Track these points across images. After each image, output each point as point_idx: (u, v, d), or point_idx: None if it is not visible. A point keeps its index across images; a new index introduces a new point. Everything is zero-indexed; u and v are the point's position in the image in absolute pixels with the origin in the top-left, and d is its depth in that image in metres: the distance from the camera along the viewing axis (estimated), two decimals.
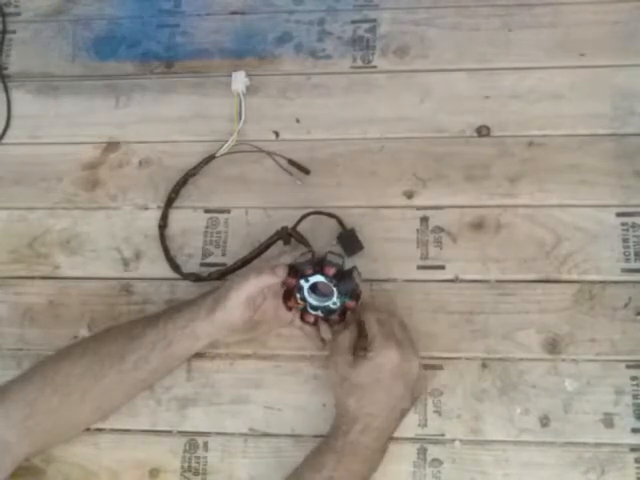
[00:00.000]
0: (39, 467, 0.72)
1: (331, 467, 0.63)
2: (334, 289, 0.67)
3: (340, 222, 0.76)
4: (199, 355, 0.73)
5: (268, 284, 0.68)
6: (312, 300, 0.69)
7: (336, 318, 0.69)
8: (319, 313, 0.69)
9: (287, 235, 0.75)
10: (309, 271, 0.67)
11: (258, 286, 0.67)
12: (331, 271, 0.67)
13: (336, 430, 0.66)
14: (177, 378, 0.74)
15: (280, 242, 0.75)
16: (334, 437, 0.65)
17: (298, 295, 0.69)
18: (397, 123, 0.81)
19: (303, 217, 0.76)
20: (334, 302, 0.68)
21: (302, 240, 0.74)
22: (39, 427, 0.66)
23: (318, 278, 0.68)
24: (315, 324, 0.70)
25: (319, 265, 0.68)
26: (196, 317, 0.68)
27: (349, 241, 0.76)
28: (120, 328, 0.70)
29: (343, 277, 0.68)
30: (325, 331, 0.70)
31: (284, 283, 0.69)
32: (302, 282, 0.68)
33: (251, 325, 0.70)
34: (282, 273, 0.67)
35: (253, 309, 0.68)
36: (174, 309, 0.70)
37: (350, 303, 0.68)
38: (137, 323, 0.70)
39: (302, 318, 0.70)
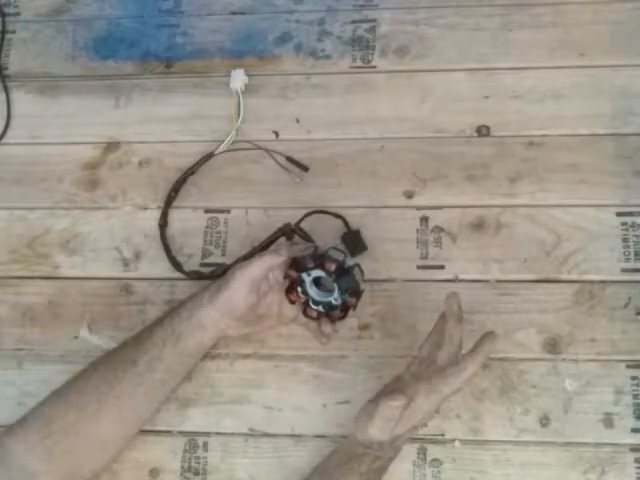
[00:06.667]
0: None
1: None
2: (334, 285, 0.67)
3: (346, 222, 0.76)
4: None
5: (272, 264, 0.68)
6: (314, 295, 0.69)
7: (338, 314, 0.69)
8: (321, 308, 0.69)
9: (290, 231, 0.75)
10: (310, 265, 0.67)
11: (262, 267, 0.67)
12: (332, 267, 0.67)
13: (363, 454, 0.63)
14: None
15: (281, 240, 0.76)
16: (359, 461, 0.63)
17: (299, 289, 0.69)
18: (397, 123, 0.81)
19: (307, 214, 0.76)
20: (335, 298, 0.68)
21: (305, 237, 0.75)
22: (59, 447, 0.64)
23: (319, 273, 0.68)
24: (318, 319, 0.70)
25: (320, 260, 0.68)
26: (199, 304, 0.68)
27: (353, 242, 0.76)
28: (128, 338, 0.70)
29: (344, 274, 0.68)
30: (326, 326, 0.70)
31: (286, 276, 0.69)
32: (304, 276, 0.68)
33: (255, 317, 0.70)
34: (285, 253, 0.67)
35: (257, 295, 0.68)
36: (179, 304, 0.70)
37: (351, 300, 0.68)
38: (144, 328, 0.70)
39: (305, 313, 0.70)
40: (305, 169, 0.80)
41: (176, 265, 0.77)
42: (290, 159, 0.80)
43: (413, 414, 0.62)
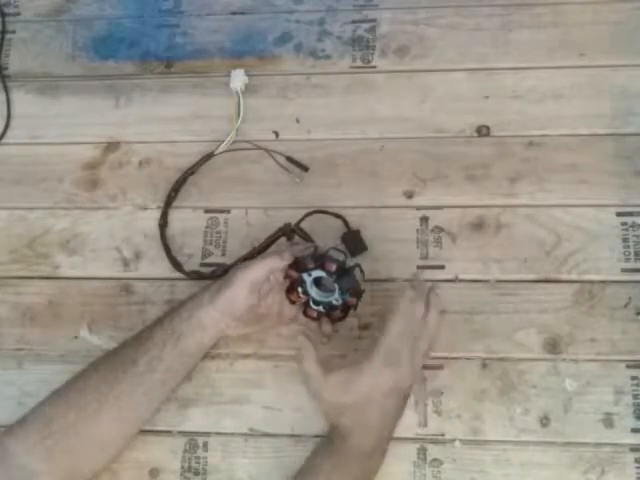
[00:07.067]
0: None
1: (327, 470, 0.63)
2: (335, 285, 0.67)
3: (346, 223, 0.76)
4: None
5: (274, 267, 0.68)
6: (315, 295, 0.69)
7: (338, 314, 0.69)
8: (321, 309, 0.69)
9: (290, 231, 0.75)
10: (310, 265, 0.67)
11: (264, 269, 0.67)
12: (332, 267, 0.67)
13: (331, 437, 0.65)
14: None
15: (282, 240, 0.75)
16: (330, 442, 0.65)
17: (300, 289, 0.69)
18: (397, 123, 0.81)
19: (307, 214, 0.76)
20: (336, 298, 0.68)
21: (306, 237, 0.75)
22: (58, 447, 0.64)
23: (319, 273, 0.68)
24: (318, 319, 0.70)
25: (321, 260, 0.68)
26: (200, 304, 0.68)
27: (353, 242, 0.76)
28: (128, 338, 0.70)
29: (344, 274, 0.68)
30: (326, 326, 0.70)
31: (287, 276, 0.69)
32: (304, 276, 0.68)
33: (255, 317, 0.70)
34: (288, 257, 0.67)
35: (258, 296, 0.68)
36: (179, 304, 0.70)
37: (352, 300, 0.68)
38: (144, 328, 0.70)
39: (305, 313, 0.70)
40: (305, 169, 0.80)
41: (176, 265, 0.77)
42: (290, 159, 0.80)
43: (362, 387, 0.63)
